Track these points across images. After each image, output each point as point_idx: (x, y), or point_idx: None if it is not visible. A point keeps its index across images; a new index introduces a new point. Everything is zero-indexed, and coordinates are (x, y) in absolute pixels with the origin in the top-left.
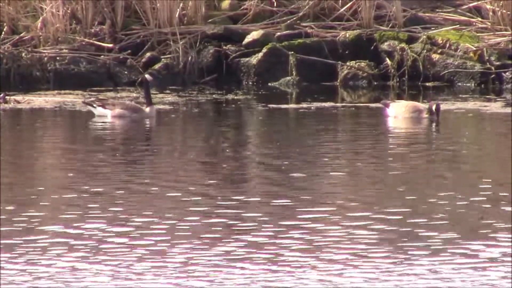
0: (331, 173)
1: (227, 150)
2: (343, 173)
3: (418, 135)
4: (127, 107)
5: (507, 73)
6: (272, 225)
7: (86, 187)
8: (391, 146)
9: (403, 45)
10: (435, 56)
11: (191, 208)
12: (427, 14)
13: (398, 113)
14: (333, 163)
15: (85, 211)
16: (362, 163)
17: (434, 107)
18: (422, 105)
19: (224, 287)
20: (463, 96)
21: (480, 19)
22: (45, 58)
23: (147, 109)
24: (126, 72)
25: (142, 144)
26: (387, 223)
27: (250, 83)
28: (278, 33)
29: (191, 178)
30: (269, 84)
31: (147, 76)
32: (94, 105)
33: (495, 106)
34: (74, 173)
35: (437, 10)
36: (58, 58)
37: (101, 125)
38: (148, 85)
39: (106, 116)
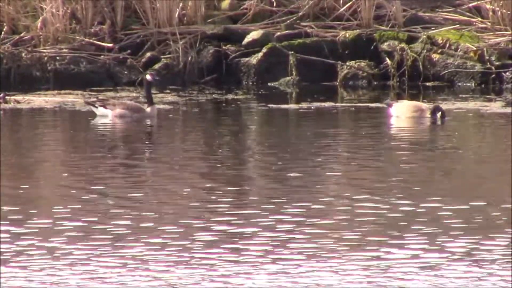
0: (327, 173)
1: (220, 151)
2: (339, 173)
3: (418, 135)
4: (128, 107)
5: (507, 73)
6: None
7: (76, 188)
8: (390, 146)
9: (403, 45)
10: (435, 56)
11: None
12: (427, 14)
13: (400, 113)
14: (331, 163)
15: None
16: (359, 163)
17: (439, 115)
18: (424, 105)
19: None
20: (463, 96)
21: (480, 19)
22: (45, 58)
23: (148, 109)
24: (126, 72)
25: (143, 143)
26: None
27: (250, 83)
28: (278, 33)
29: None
30: (269, 84)
31: (147, 76)
32: (96, 105)
33: (495, 106)
34: (69, 173)
35: (437, 10)
36: (58, 58)
37: (101, 125)
38: (149, 85)
39: (107, 116)
